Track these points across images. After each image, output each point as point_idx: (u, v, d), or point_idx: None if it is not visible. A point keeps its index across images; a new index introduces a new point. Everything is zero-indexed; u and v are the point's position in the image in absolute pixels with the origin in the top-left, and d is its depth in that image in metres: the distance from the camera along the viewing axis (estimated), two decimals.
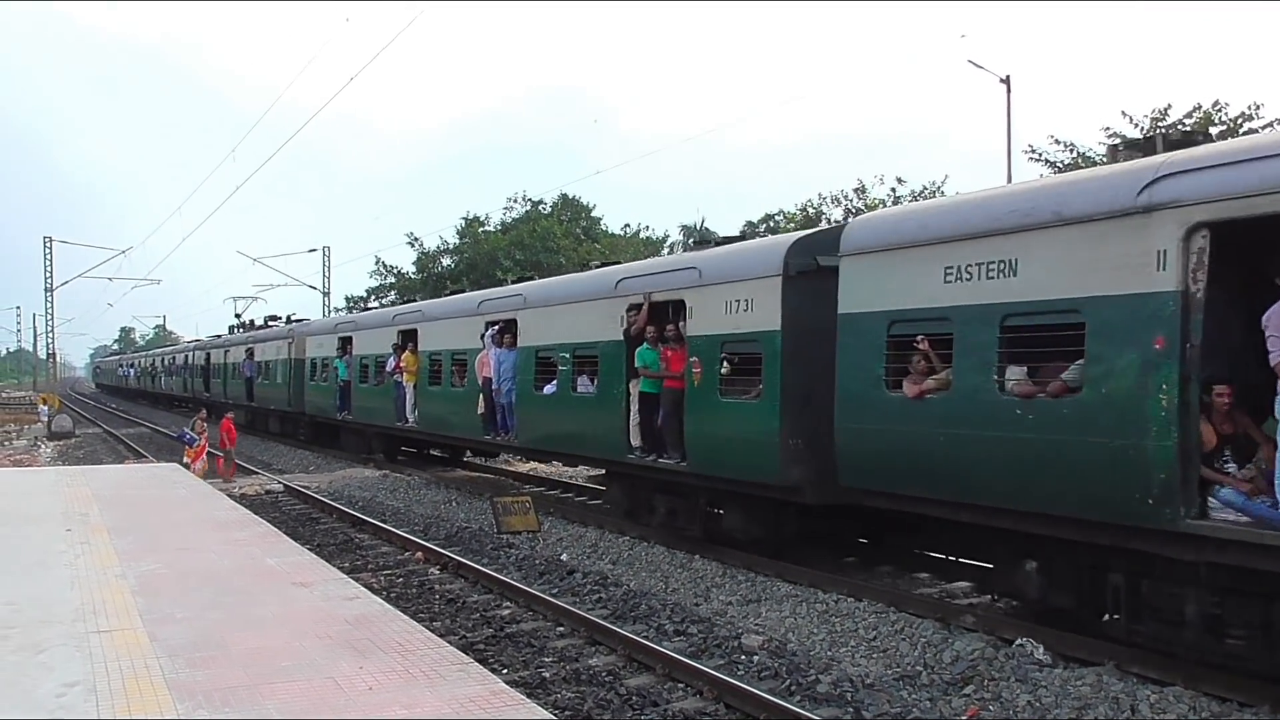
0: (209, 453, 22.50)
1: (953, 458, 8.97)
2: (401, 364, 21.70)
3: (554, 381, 16.03)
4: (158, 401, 62.94)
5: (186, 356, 50.79)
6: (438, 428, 21.25)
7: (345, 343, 26.50)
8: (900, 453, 9.58)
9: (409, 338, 22.14)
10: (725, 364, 12.17)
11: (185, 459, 22.39)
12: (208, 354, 44.83)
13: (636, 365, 13.41)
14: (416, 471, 22.70)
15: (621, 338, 14.05)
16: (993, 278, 8.61)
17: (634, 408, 13.72)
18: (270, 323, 39.89)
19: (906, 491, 9.68)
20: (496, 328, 17.69)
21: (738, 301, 11.89)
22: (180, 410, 49.76)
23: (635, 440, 13.72)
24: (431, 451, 25.85)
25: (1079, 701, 7.46)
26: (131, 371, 78.61)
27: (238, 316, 49.36)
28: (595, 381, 14.92)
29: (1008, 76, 26.00)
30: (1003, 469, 8.51)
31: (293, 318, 40.57)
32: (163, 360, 60.75)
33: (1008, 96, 25.89)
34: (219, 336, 47.11)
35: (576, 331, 15.48)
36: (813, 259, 11.07)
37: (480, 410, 17.99)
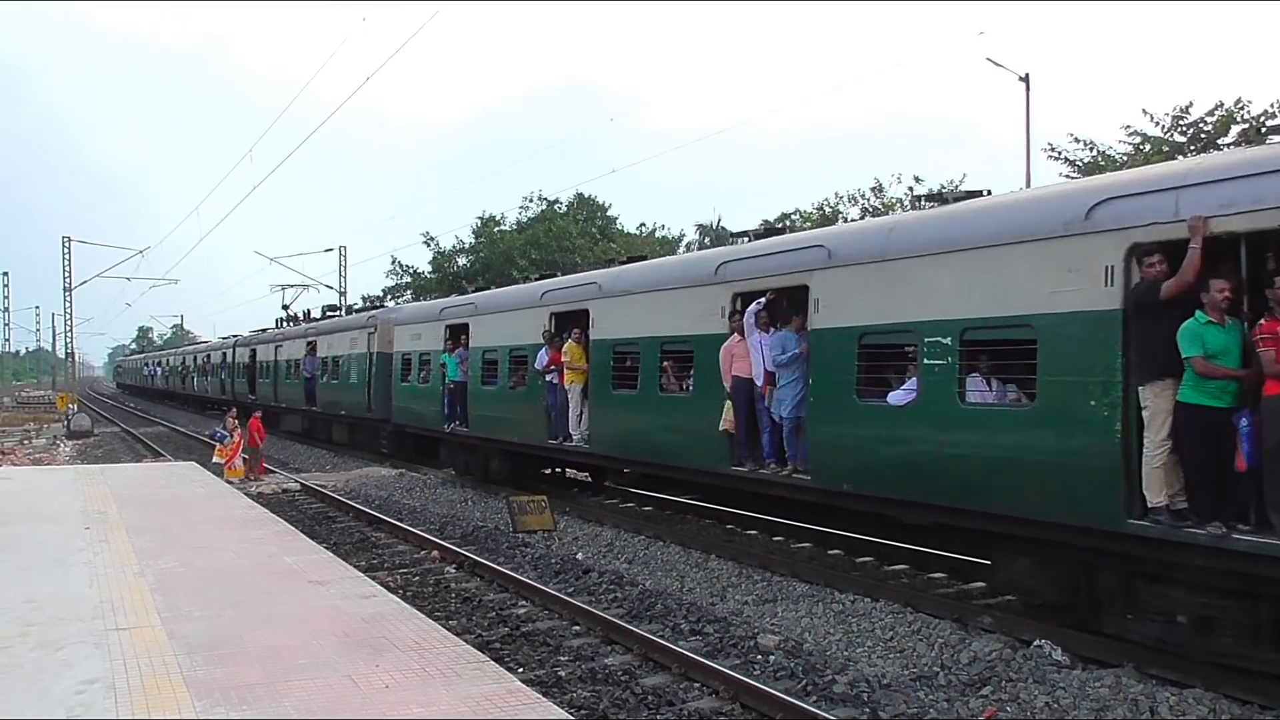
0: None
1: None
2: (564, 358, 16.17)
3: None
4: (188, 404, 58.30)
5: (226, 354, 45.41)
6: (637, 450, 15.23)
7: (457, 332, 20.57)
8: None
9: (569, 323, 16.68)
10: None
11: (216, 458, 22.51)
12: (253, 350, 40.19)
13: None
14: (432, 470, 22.73)
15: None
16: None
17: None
18: (331, 312, 35.19)
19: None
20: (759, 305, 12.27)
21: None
22: (214, 414, 44.74)
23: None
24: (568, 473, 20.51)
25: (1097, 703, 7.41)
26: (158, 370, 72.89)
27: (285, 308, 43.34)
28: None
29: (1027, 74, 25.87)
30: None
31: (375, 302, 37.52)
32: (195, 358, 55.27)
33: (1027, 94, 25.77)
34: (264, 330, 42.44)
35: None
36: None
37: (726, 425, 12.61)
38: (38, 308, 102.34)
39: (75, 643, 6.97)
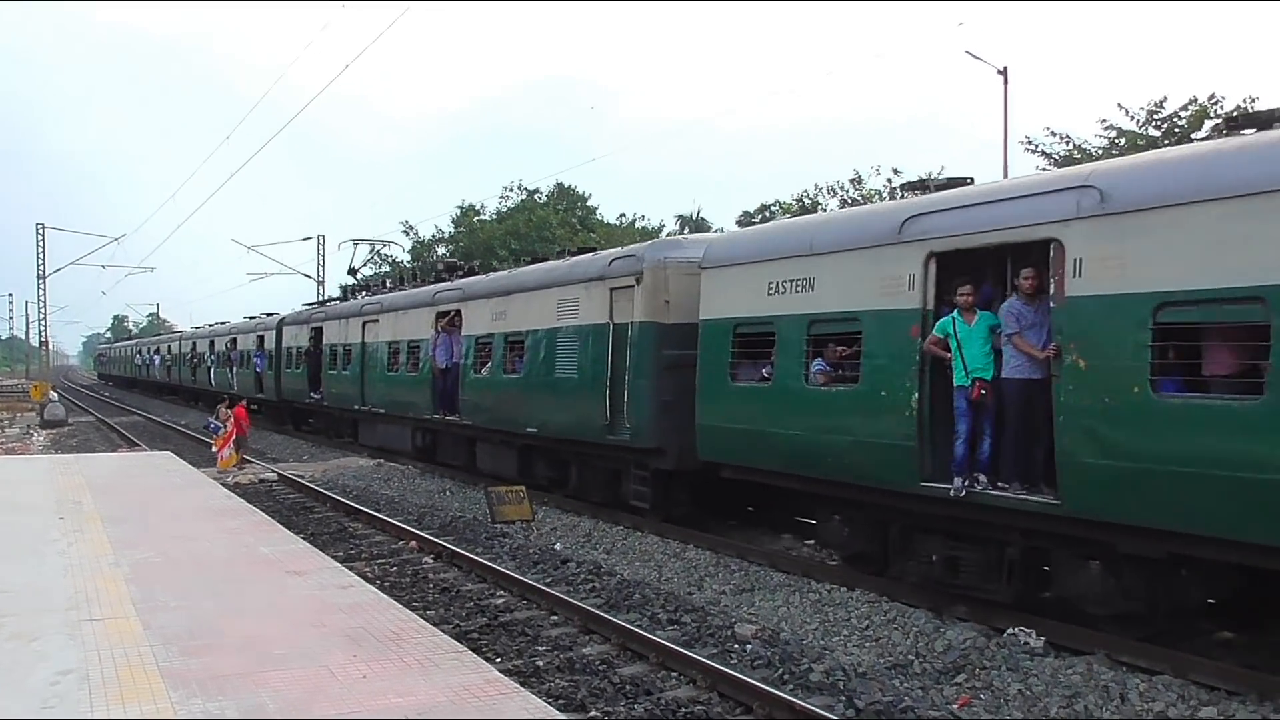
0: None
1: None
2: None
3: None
4: (200, 401, 45.45)
5: (264, 337, 35.02)
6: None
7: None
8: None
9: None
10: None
11: (214, 448, 22.40)
12: (316, 330, 29.25)
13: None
14: (411, 461, 22.69)
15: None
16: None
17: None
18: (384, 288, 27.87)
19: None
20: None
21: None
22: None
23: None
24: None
25: (1069, 690, 7.51)
26: (156, 360, 59.22)
27: (353, 271, 34.27)
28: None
29: (1005, 68, 26.01)
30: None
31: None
32: (213, 344, 43.71)
33: (1005, 88, 25.89)
34: (320, 305, 33.08)
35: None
36: None
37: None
38: (10, 295, 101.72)
39: (49, 634, 6.93)
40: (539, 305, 16.68)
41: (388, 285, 30.13)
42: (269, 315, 37.53)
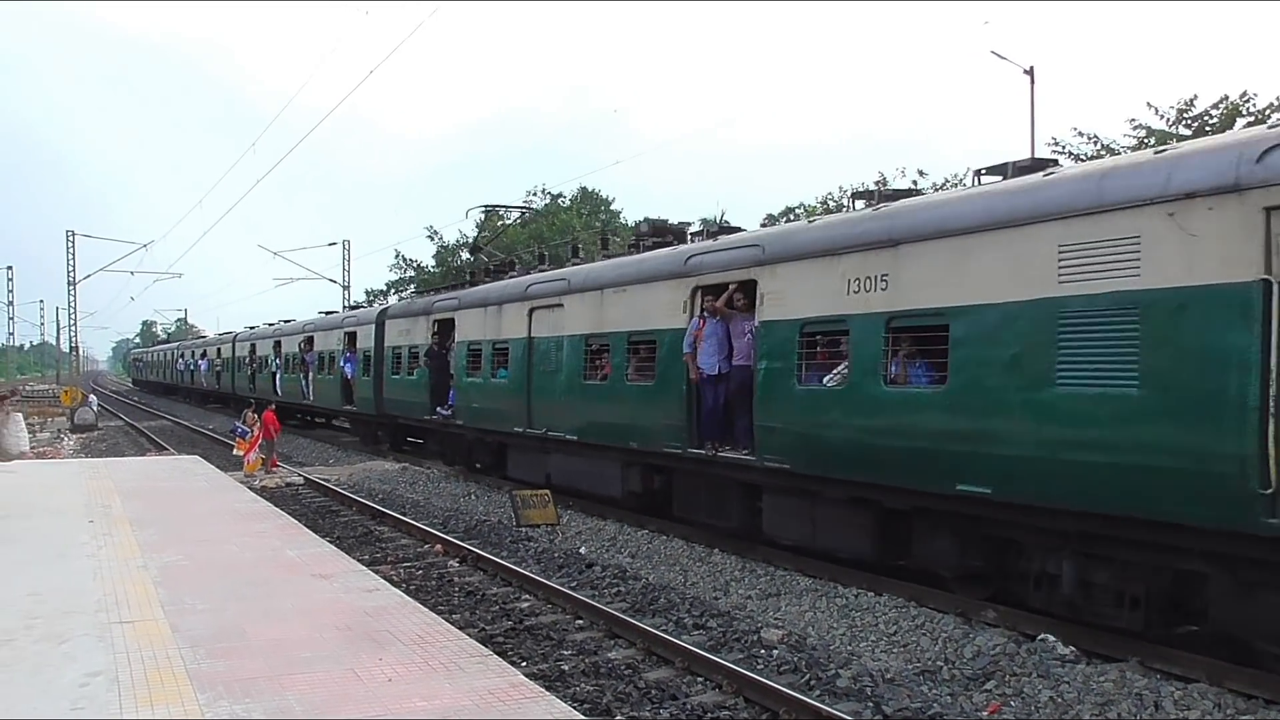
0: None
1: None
2: None
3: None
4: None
5: (353, 335, 28.30)
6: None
7: None
8: None
9: None
10: None
11: (236, 450, 22.53)
12: (443, 323, 22.09)
13: None
14: (435, 465, 22.74)
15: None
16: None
17: None
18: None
19: None
20: None
21: None
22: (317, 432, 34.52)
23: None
24: None
25: (1102, 698, 7.40)
26: (203, 364, 51.82)
27: (475, 250, 27.92)
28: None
29: (1031, 68, 25.76)
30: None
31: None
32: (278, 346, 36.65)
33: (1031, 88, 25.66)
34: (446, 290, 24.76)
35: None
36: None
37: None
38: (42, 302, 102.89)
39: (79, 636, 6.98)
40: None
41: (469, 277, 24.06)
42: (352, 308, 33.70)
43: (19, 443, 12.59)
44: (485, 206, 35.40)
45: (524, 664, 8.26)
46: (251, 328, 45.18)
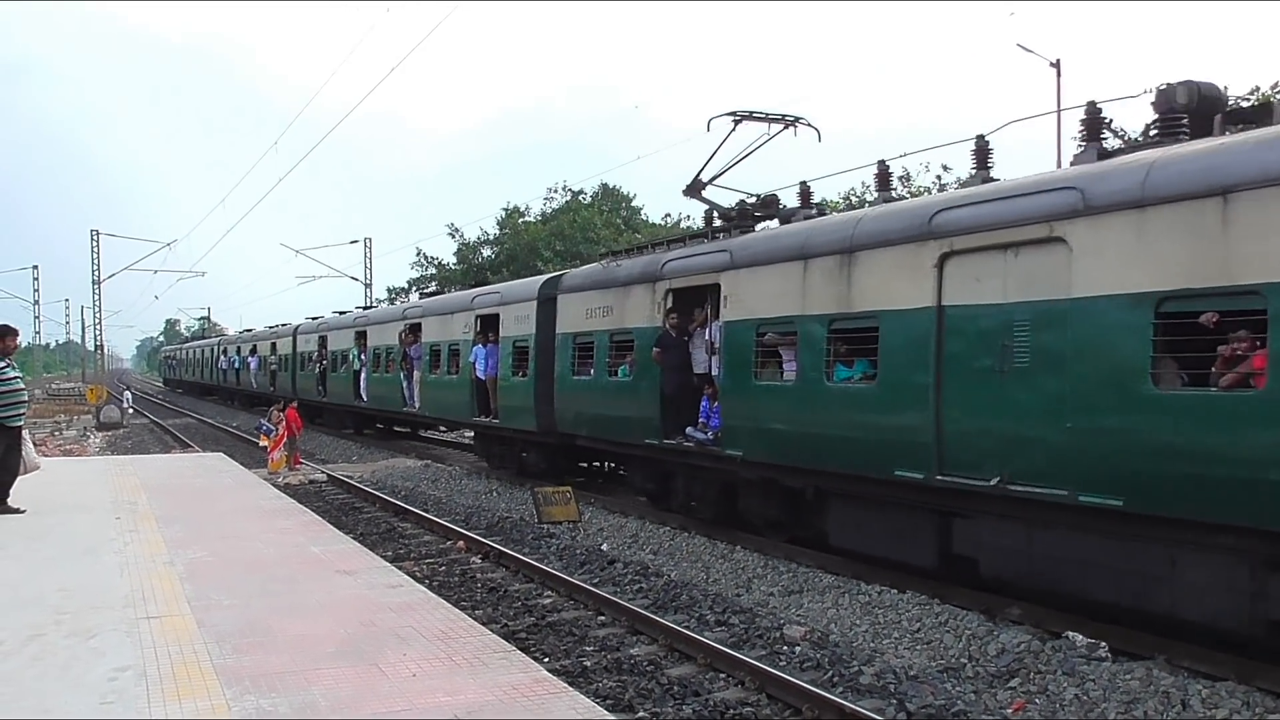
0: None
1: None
2: None
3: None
4: (345, 425, 32.35)
5: (492, 319, 20.11)
6: None
7: None
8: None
9: None
10: None
11: (262, 443, 22.72)
12: (696, 291, 14.06)
13: None
14: (458, 461, 22.78)
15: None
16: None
17: None
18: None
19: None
20: None
21: None
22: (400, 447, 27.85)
23: None
24: None
25: (1128, 695, 7.34)
26: (253, 362, 44.66)
27: (696, 193, 15.18)
28: None
29: (1058, 60, 25.61)
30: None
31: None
32: (362, 340, 28.75)
33: (1058, 81, 25.50)
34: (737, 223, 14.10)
35: None
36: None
37: None
38: (67, 301, 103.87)
39: (107, 631, 7.04)
40: None
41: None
42: (477, 283, 26.19)
43: (34, 459, 12.79)
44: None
45: (546, 660, 8.29)
46: (315, 318, 37.93)
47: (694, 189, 15.10)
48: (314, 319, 37.87)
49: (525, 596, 10.83)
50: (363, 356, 28.61)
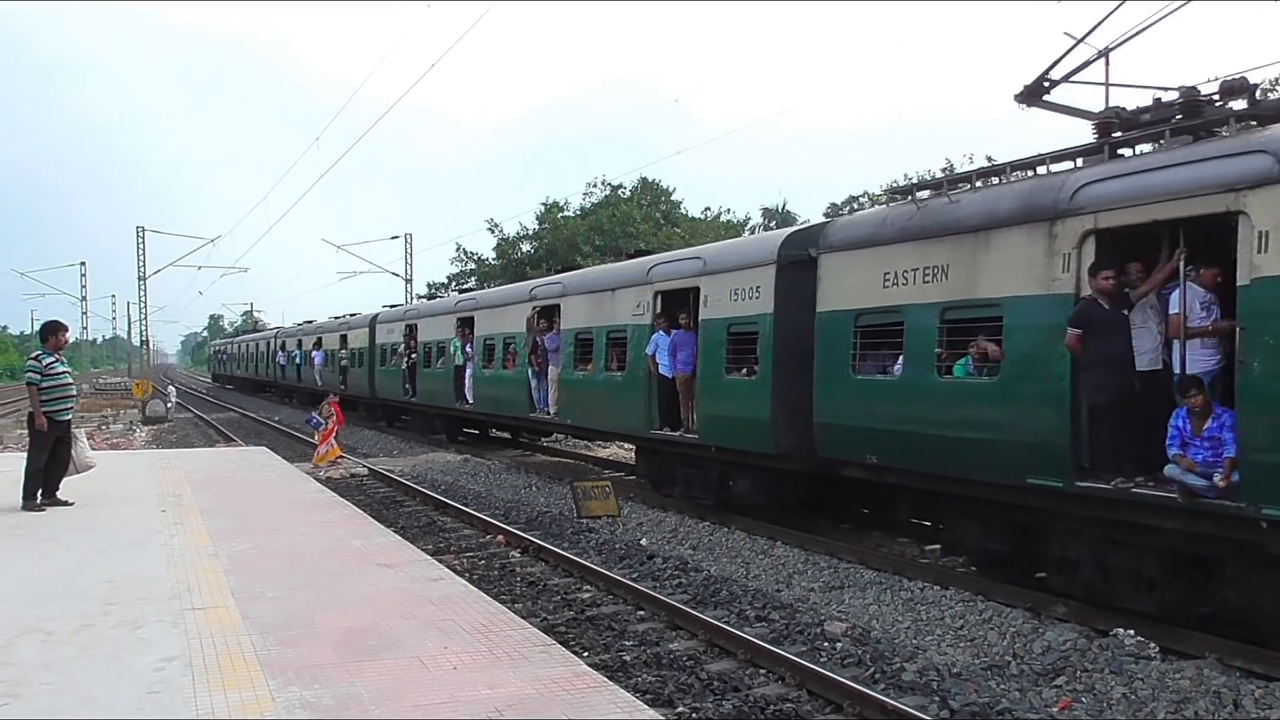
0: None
1: None
2: None
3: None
4: (429, 433, 28.36)
5: (693, 294, 14.70)
6: None
7: None
8: None
9: None
10: None
11: (315, 438, 22.94)
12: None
13: None
14: (497, 456, 22.87)
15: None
16: None
17: None
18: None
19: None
20: None
21: None
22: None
23: None
24: None
25: (1178, 695, 7.21)
26: (318, 357, 39.74)
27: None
28: None
29: (1107, 48, 25.12)
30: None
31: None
32: (467, 329, 23.94)
33: (1105, 70, 25.01)
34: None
35: None
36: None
37: None
38: (114, 296, 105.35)
39: (153, 621, 7.13)
40: None
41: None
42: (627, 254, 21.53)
43: (86, 457, 12.99)
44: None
45: (586, 654, 8.28)
46: (391, 306, 34.40)
47: (1033, 93, 10.59)
48: (391, 306, 34.94)
49: (565, 590, 10.84)
50: (467, 349, 23.91)
